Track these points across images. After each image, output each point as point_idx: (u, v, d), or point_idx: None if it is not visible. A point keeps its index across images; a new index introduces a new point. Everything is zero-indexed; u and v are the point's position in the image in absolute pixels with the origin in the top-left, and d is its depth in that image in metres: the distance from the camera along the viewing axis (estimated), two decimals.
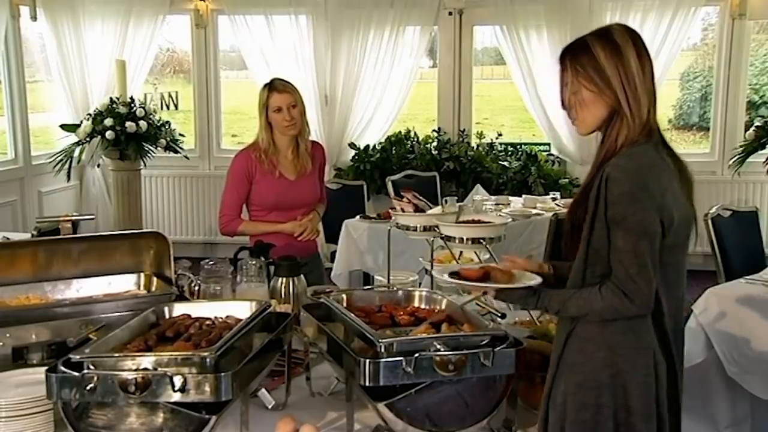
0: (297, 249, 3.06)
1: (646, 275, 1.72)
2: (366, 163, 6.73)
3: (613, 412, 1.75)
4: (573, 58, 1.85)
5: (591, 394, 1.76)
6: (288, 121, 3.20)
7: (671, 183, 1.79)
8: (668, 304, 1.80)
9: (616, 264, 1.73)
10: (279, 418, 1.69)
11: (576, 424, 1.77)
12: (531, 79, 6.52)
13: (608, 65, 1.79)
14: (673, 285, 1.83)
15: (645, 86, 1.80)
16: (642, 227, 1.71)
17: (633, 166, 1.74)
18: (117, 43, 6.76)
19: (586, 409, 1.76)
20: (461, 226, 2.41)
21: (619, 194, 1.72)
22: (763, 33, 7.01)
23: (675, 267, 1.83)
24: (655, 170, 1.76)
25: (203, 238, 7.20)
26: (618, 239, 1.73)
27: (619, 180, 1.72)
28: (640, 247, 1.71)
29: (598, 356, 1.76)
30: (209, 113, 7.22)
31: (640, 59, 1.80)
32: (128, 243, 2.46)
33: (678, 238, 1.81)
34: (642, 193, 1.71)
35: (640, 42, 1.84)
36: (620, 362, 1.75)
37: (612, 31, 1.83)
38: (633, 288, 1.71)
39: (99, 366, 1.54)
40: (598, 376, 1.76)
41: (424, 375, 1.61)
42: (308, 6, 6.67)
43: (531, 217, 4.94)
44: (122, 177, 6.35)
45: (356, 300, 2.10)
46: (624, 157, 1.76)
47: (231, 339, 1.65)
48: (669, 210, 1.74)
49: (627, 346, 1.76)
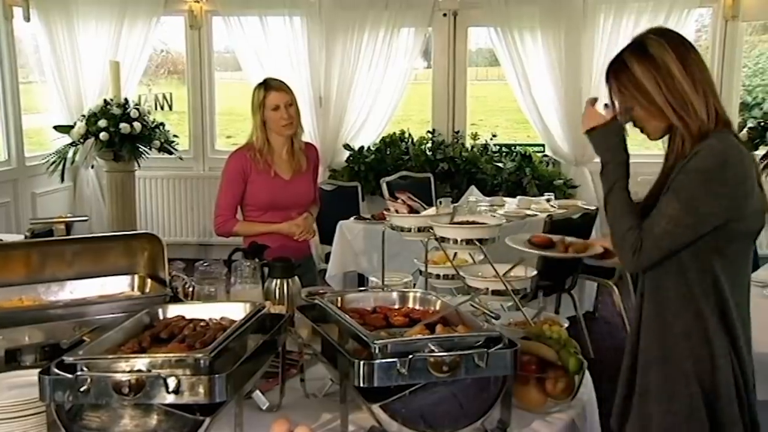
0: (291, 250, 3.06)
1: (660, 243, 1.77)
2: (360, 165, 6.73)
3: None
4: (615, 78, 1.89)
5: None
6: (286, 120, 3.20)
7: (752, 169, 1.82)
8: (732, 291, 1.84)
9: (650, 220, 1.79)
10: (273, 419, 1.69)
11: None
12: (525, 80, 6.53)
13: (648, 82, 1.82)
14: (742, 275, 1.87)
15: (696, 87, 1.81)
16: (694, 205, 1.75)
17: (721, 147, 1.77)
18: (111, 44, 6.75)
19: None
20: (455, 227, 2.41)
21: (695, 168, 1.75)
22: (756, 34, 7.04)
23: (743, 254, 1.86)
24: (741, 153, 1.80)
25: (197, 240, 7.19)
26: (666, 203, 1.78)
27: (704, 155, 1.75)
28: (680, 219, 1.75)
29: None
30: (203, 114, 7.21)
31: (683, 63, 1.81)
32: (122, 244, 2.45)
33: (750, 226, 1.84)
34: (718, 174, 1.74)
35: (679, 43, 1.84)
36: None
37: (646, 42, 1.84)
38: (641, 246, 1.78)
39: (92, 368, 1.53)
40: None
41: (419, 376, 1.61)
42: (303, 7, 6.68)
43: (525, 218, 4.94)
44: (116, 178, 6.33)
45: (350, 301, 2.09)
46: (715, 138, 1.79)
47: (225, 340, 1.65)
48: (743, 195, 1.77)
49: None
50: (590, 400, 2.05)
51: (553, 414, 1.88)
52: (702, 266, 1.83)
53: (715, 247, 1.81)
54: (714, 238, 1.80)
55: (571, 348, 1.95)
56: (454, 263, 2.52)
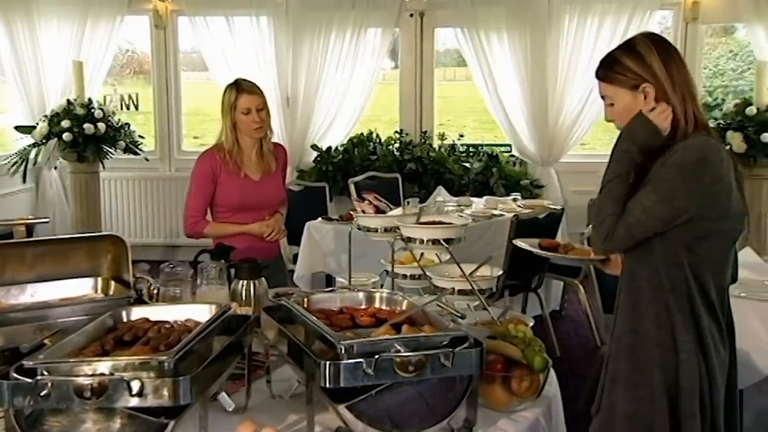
0: (259, 251, 3.05)
1: (632, 231, 1.84)
2: (328, 165, 6.72)
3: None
4: (603, 71, 1.97)
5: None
6: (257, 123, 3.18)
7: (729, 171, 1.87)
8: (702, 291, 1.90)
9: (626, 207, 1.86)
10: (239, 421, 1.68)
11: None
12: (492, 80, 6.58)
13: (635, 70, 1.90)
14: (718, 273, 1.92)
15: (675, 88, 1.88)
16: (669, 198, 1.81)
17: (702, 145, 1.84)
18: (74, 44, 6.65)
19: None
20: (421, 228, 2.42)
21: (674, 162, 1.82)
22: (716, 36, 7.18)
23: (717, 254, 1.91)
24: (720, 154, 1.85)
25: (164, 241, 7.11)
26: (642, 194, 1.85)
27: (683, 152, 1.82)
28: (654, 210, 1.82)
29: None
30: (170, 115, 7.14)
31: (665, 64, 1.89)
32: (85, 246, 2.41)
33: (730, 227, 1.89)
34: (695, 170, 1.81)
35: (664, 45, 1.93)
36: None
37: (635, 41, 1.95)
38: (614, 233, 1.86)
39: (53, 372, 1.50)
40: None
41: (385, 376, 1.61)
42: (269, 7, 6.65)
43: (492, 218, 4.97)
44: (80, 179, 6.25)
45: (317, 302, 2.09)
46: (692, 138, 1.86)
47: (190, 342, 1.63)
48: (715, 196, 1.83)
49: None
50: (555, 398, 2.08)
51: (519, 412, 1.90)
52: (672, 261, 1.89)
53: (685, 244, 1.88)
54: (684, 233, 1.86)
55: (536, 346, 1.97)
56: (421, 263, 2.53)
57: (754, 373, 2.81)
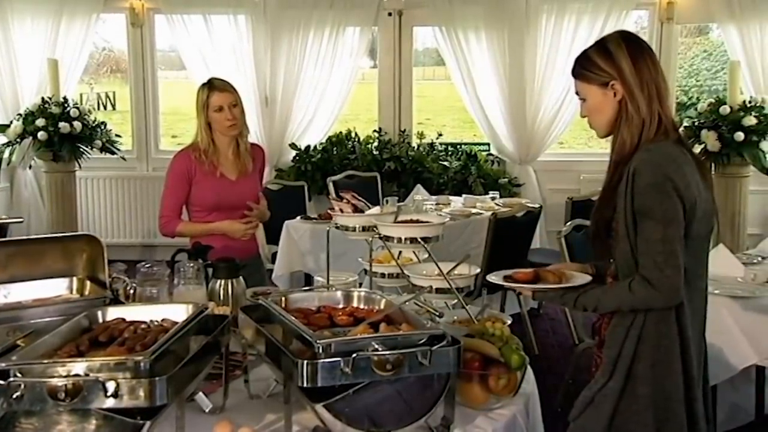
0: (237, 251, 3.03)
1: (674, 263, 1.81)
2: (307, 164, 6.71)
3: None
4: (577, 68, 2.00)
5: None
6: (230, 121, 3.18)
7: (693, 175, 1.88)
8: (690, 296, 1.88)
9: (644, 255, 1.83)
10: (216, 421, 1.67)
11: None
12: (470, 79, 6.60)
13: (604, 68, 1.92)
14: (696, 277, 1.92)
15: (645, 87, 1.89)
16: (668, 216, 1.81)
17: (656, 159, 1.84)
18: (48, 42, 6.58)
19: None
20: (399, 226, 2.42)
21: (644, 185, 1.82)
22: (690, 36, 7.26)
23: (697, 258, 1.91)
24: (678, 163, 1.85)
25: (141, 241, 7.06)
26: (645, 229, 1.83)
27: (644, 172, 1.82)
28: (667, 235, 1.80)
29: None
30: (147, 114, 7.09)
31: (634, 63, 1.90)
32: (60, 246, 2.39)
33: (701, 230, 1.90)
34: (666, 183, 1.80)
35: (636, 44, 1.94)
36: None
37: (607, 39, 1.97)
38: (659, 277, 1.80)
39: (26, 373, 1.48)
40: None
41: (363, 375, 1.61)
42: (247, 6, 6.62)
43: (470, 217, 4.99)
44: (56, 179, 6.18)
45: (295, 301, 2.08)
46: (646, 151, 1.86)
47: (166, 342, 1.62)
48: (692, 200, 1.83)
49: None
50: (533, 396, 2.09)
51: (496, 410, 1.91)
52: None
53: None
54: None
55: (514, 345, 1.98)
56: (399, 262, 2.54)
57: (727, 369, 2.85)
